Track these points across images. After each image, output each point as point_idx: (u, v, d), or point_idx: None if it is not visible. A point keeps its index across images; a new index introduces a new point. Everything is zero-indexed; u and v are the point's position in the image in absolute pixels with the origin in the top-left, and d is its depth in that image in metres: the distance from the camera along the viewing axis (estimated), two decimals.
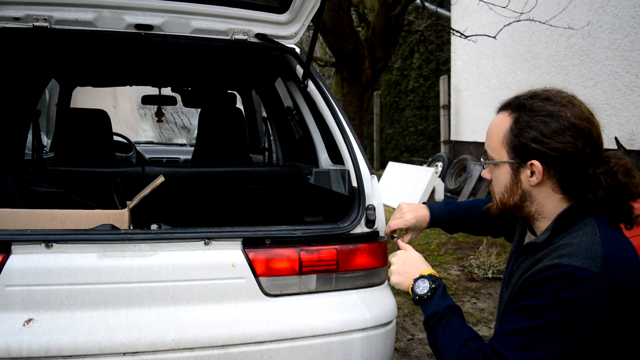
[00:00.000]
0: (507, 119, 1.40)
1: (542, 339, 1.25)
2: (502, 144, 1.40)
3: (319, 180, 2.29)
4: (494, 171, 1.45)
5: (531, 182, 1.37)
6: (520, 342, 1.27)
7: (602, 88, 7.27)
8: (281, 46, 2.50)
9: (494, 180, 1.46)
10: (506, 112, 1.42)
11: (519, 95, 1.44)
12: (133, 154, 4.48)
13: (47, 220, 2.00)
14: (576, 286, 1.21)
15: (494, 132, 1.43)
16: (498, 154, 1.42)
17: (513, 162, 1.39)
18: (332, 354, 1.83)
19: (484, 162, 1.48)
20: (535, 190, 1.38)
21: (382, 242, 2.01)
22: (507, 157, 1.40)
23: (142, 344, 1.65)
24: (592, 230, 1.30)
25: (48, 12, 2.20)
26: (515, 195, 1.41)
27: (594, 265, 1.22)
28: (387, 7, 6.58)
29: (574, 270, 1.22)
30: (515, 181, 1.40)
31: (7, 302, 1.63)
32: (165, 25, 2.35)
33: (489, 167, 1.47)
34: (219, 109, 4.00)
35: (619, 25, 6.97)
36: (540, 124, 1.34)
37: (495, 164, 1.43)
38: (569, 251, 1.26)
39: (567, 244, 1.28)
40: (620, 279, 1.23)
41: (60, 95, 4.25)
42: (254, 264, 1.80)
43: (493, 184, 1.47)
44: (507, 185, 1.42)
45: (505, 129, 1.40)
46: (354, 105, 6.63)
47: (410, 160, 12.56)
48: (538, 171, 1.35)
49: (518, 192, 1.40)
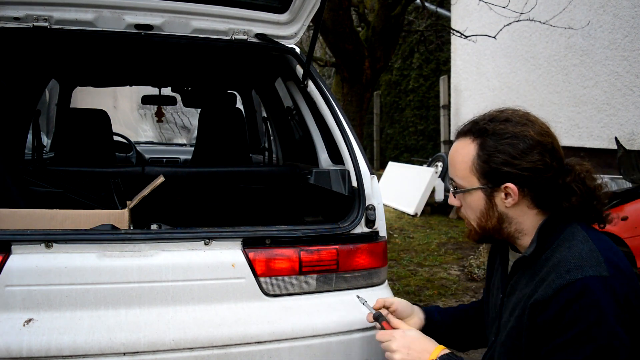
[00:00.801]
0: (471, 146, 1.39)
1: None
2: (471, 171, 1.39)
3: (319, 180, 2.29)
4: (466, 198, 1.43)
5: (507, 204, 1.37)
6: None
7: (602, 88, 7.27)
8: (281, 46, 2.50)
9: (467, 207, 1.44)
10: (467, 138, 1.41)
11: (476, 120, 1.44)
12: (133, 154, 4.48)
13: (47, 220, 1.99)
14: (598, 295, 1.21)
15: (460, 161, 1.42)
16: (468, 181, 1.40)
17: (486, 188, 1.38)
18: (332, 354, 1.83)
19: (455, 192, 1.45)
20: (512, 210, 1.38)
21: (382, 242, 2.01)
22: (479, 184, 1.39)
23: (142, 344, 1.65)
24: (583, 238, 1.31)
25: (48, 12, 2.20)
26: (492, 219, 1.40)
27: (603, 270, 1.23)
28: (387, 7, 6.58)
29: (589, 279, 1.22)
30: (490, 205, 1.39)
31: (7, 302, 1.63)
32: (165, 25, 2.35)
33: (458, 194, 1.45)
34: (219, 109, 4.00)
35: (619, 25, 6.97)
36: (507, 147, 1.34)
37: (467, 191, 1.41)
38: (574, 264, 1.25)
39: (567, 257, 1.28)
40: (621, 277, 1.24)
41: (60, 95, 4.25)
42: (254, 264, 1.80)
43: (465, 210, 1.46)
44: (482, 211, 1.40)
45: (471, 155, 1.39)
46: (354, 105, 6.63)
47: (410, 160, 12.55)
48: (514, 193, 1.35)
49: (495, 216, 1.39)
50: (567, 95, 7.85)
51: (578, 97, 7.68)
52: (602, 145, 7.19)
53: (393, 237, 6.71)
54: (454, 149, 1.45)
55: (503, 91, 9.18)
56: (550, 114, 7.78)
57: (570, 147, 7.45)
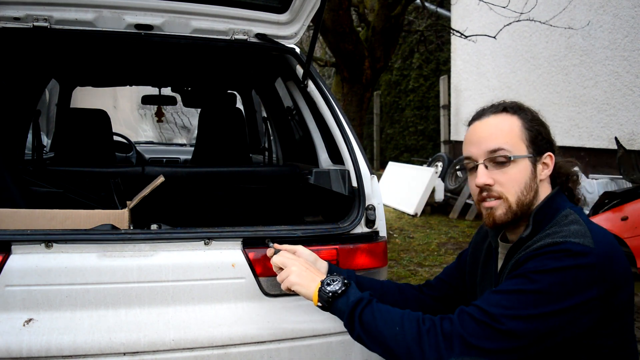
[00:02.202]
0: (513, 117, 1.42)
1: (530, 300, 1.23)
2: (520, 138, 1.40)
3: (319, 180, 2.29)
4: (510, 169, 1.38)
5: (542, 176, 1.41)
6: (506, 300, 1.25)
7: (602, 88, 7.27)
8: (281, 46, 2.50)
9: (508, 181, 1.38)
10: (503, 113, 1.44)
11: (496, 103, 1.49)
12: (133, 154, 4.48)
13: (47, 220, 1.99)
14: (575, 257, 1.23)
15: (507, 130, 1.40)
16: (517, 149, 1.39)
17: (533, 156, 1.40)
18: (332, 354, 1.83)
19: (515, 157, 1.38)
20: (542, 185, 1.42)
21: (382, 242, 2.01)
22: (527, 152, 1.40)
23: (142, 344, 1.65)
24: (575, 219, 1.34)
25: (48, 12, 2.20)
26: (531, 192, 1.40)
27: (588, 242, 1.25)
28: (387, 7, 6.58)
29: (571, 244, 1.25)
30: (534, 175, 1.40)
31: (7, 302, 1.63)
32: (165, 25, 2.35)
33: (492, 170, 1.39)
34: (219, 109, 4.00)
35: (619, 25, 6.97)
36: (540, 121, 1.44)
37: (513, 160, 1.38)
38: (562, 235, 1.29)
39: (556, 231, 1.31)
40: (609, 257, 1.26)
41: (60, 95, 4.24)
42: (254, 263, 1.80)
43: (503, 185, 1.38)
44: (527, 182, 1.39)
45: (518, 125, 1.41)
46: (354, 105, 6.63)
47: (410, 160, 12.56)
48: (552, 162, 1.42)
49: (534, 188, 1.40)
50: (567, 95, 7.85)
51: (578, 97, 7.68)
52: (602, 145, 7.19)
53: (393, 237, 6.71)
54: (493, 122, 1.42)
55: (503, 91, 9.17)
56: (550, 114, 7.78)
57: (570, 147, 7.45)
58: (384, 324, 1.34)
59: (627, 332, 1.33)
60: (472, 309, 1.28)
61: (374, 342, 1.36)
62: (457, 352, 1.24)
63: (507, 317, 1.23)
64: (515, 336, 1.22)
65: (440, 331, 1.27)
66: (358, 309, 1.38)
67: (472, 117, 1.50)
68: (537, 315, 1.22)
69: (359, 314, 1.38)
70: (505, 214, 1.39)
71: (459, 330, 1.25)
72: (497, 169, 1.39)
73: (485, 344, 1.23)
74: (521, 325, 1.22)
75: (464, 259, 1.73)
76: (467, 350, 1.23)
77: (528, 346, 1.24)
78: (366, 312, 1.37)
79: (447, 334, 1.26)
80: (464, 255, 1.74)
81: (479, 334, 1.24)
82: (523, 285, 1.24)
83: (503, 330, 1.22)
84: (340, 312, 1.42)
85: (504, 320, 1.23)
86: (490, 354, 1.23)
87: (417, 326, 1.30)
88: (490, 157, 1.39)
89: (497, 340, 1.23)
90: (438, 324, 1.29)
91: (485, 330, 1.24)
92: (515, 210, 1.39)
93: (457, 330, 1.26)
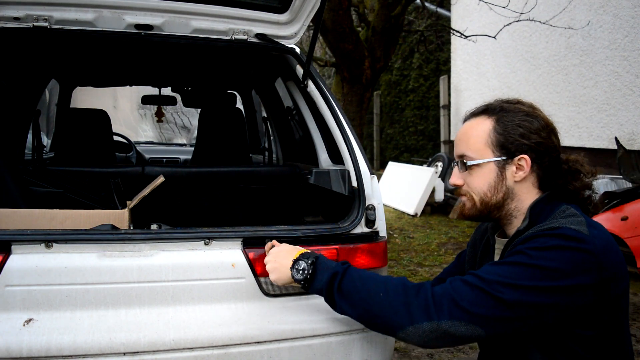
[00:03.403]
0: (487, 121, 1.46)
1: (527, 273, 1.25)
2: (486, 144, 1.45)
3: (319, 180, 2.29)
4: (474, 172, 1.47)
5: (516, 178, 1.43)
6: (503, 270, 1.28)
7: (602, 88, 7.27)
8: (281, 46, 2.50)
9: (473, 182, 1.48)
10: (481, 116, 1.48)
11: (488, 103, 1.52)
12: (133, 154, 4.48)
13: (47, 220, 1.99)
14: (572, 240, 1.25)
15: (474, 135, 1.47)
16: (481, 154, 1.45)
17: (499, 160, 1.43)
18: (332, 354, 1.83)
19: (468, 164, 1.47)
20: (518, 186, 1.44)
21: (382, 242, 2.01)
22: (493, 156, 1.44)
23: (142, 344, 1.65)
24: (573, 212, 1.36)
25: (48, 12, 2.20)
26: (499, 193, 1.44)
27: (584, 230, 1.27)
28: (387, 7, 6.58)
29: (568, 229, 1.27)
30: (500, 178, 1.44)
31: (7, 302, 1.63)
32: (165, 25, 2.35)
33: (461, 172, 1.50)
34: (219, 109, 4.00)
35: (619, 25, 6.97)
36: (524, 122, 1.43)
37: (478, 164, 1.45)
38: (559, 222, 1.31)
39: (552, 223, 1.33)
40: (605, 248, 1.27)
41: (60, 95, 4.24)
42: (254, 263, 1.80)
43: (469, 186, 1.48)
44: (491, 184, 1.44)
45: (488, 129, 1.45)
46: (354, 105, 6.63)
47: (410, 160, 12.56)
48: (527, 165, 1.41)
49: (502, 190, 1.44)
50: (567, 95, 7.86)
51: (578, 97, 7.68)
52: (602, 145, 7.19)
53: (393, 237, 6.71)
54: (467, 126, 1.51)
55: (503, 91, 9.17)
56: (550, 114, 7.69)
57: (570, 147, 7.45)
58: (366, 292, 1.38)
59: (620, 329, 1.33)
60: (467, 276, 1.32)
61: (358, 311, 1.41)
62: (446, 314, 1.27)
63: (501, 284, 1.25)
64: (506, 304, 1.24)
65: (430, 295, 1.30)
66: (335, 283, 1.43)
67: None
68: (531, 287, 1.24)
69: (337, 287, 1.43)
70: (470, 209, 1.49)
71: (450, 292, 1.29)
72: (465, 171, 1.49)
73: (475, 309, 1.26)
74: (514, 295, 1.24)
75: (462, 259, 1.74)
76: (457, 312, 1.26)
77: (516, 319, 1.26)
78: (345, 282, 1.42)
79: (438, 297, 1.29)
80: (463, 255, 1.76)
81: (470, 299, 1.26)
82: (520, 259, 1.28)
83: (495, 297, 1.25)
84: (319, 291, 1.49)
85: (497, 286, 1.25)
86: (479, 319, 1.26)
87: (403, 289, 1.34)
88: (459, 161, 1.51)
89: (488, 306, 1.25)
90: (429, 288, 1.32)
91: (477, 294, 1.26)
92: (480, 209, 1.47)
93: (449, 293, 1.29)
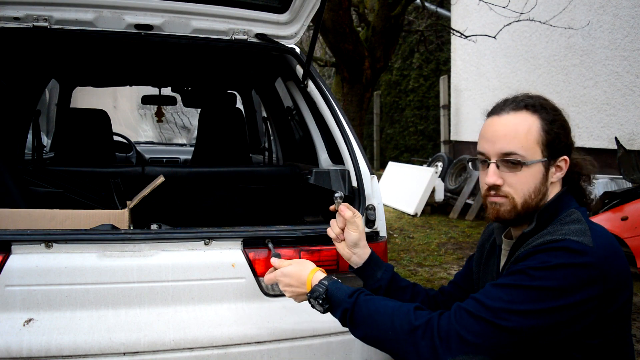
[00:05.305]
0: (533, 117, 1.36)
1: (530, 296, 1.22)
2: (537, 142, 1.34)
3: (319, 180, 2.29)
4: (521, 172, 1.35)
5: (553, 179, 1.38)
6: (505, 294, 1.23)
7: (602, 88, 7.27)
8: (281, 46, 2.50)
9: (517, 182, 1.35)
10: (523, 112, 1.37)
11: (517, 96, 1.42)
12: (133, 154, 4.48)
13: (47, 220, 2.00)
14: (573, 254, 1.22)
15: (523, 131, 1.34)
16: (532, 153, 1.34)
17: (547, 160, 1.36)
18: (332, 354, 1.83)
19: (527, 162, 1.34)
20: (552, 186, 1.39)
21: (382, 242, 2.01)
22: (541, 156, 1.35)
23: (142, 344, 1.65)
24: (577, 218, 1.33)
25: (48, 12, 2.20)
26: (540, 194, 1.36)
27: (587, 241, 1.24)
28: (387, 7, 6.58)
29: (570, 242, 1.24)
30: (545, 179, 1.36)
31: (7, 302, 1.63)
32: (165, 25, 2.35)
33: (503, 171, 1.36)
34: (219, 109, 4.00)
35: (619, 25, 6.97)
36: (563, 121, 1.38)
37: (527, 164, 1.34)
38: (561, 233, 1.28)
39: (556, 229, 1.30)
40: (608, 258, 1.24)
41: (60, 95, 4.24)
42: (254, 263, 1.80)
43: (511, 186, 1.36)
44: (537, 186, 1.35)
45: (537, 126, 1.35)
46: (354, 105, 6.63)
47: (410, 160, 12.56)
48: (566, 166, 1.38)
49: (542, 191, 1.37)
50: (567, 95, 7.85)
51: (578, 97, 7.67)
52: (602, 145, 7.18)
53: (393, 237, 6.71)
54: (510, 121, 1.36)
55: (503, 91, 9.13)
56: None
57: None
58: (375, 328, 1.33)
59: (623, 335, 1.32)
60: (470, 303, 1.27)
61: (372, 343, 1.37)
62: (454, 351, 1.22)
63: (506, 312, 1.21)
64: (513, 332, 1.21)
65: (437, 332, 1.25)
66: (347, 318, 1.38)
67: (491, 110, 1.44)
68: (537, 311, 1.21)
69: (349, 322, 1.38)
70: (509, 212, 1.38)
71: (456, 327, 1.24)
72: (508, 171, 1.36)
73: (481, 340, 1.21)
74: (520, 322, 1.21)
75: (471, 263, 1.70)
76: (464, 348, 1.22)
77: (525, 342, 1.23)
78: (355, 316, 1.37)
79: (444, 333, 1.24)
80: (472, 258, 1.72)
81: (476, 331, 1.22)
82: (522, 281, 1.23)
83: (501, 326, 1.21)
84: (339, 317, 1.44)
85: (502, 314, 1.21)
86: (487, 350, 1.22)
87: (409, 329, 1.28)
88: (503, 159, 1.36)
89: (494, 336, 1.21)
90: (435, 323, 1.26)
91: (482, 326, 1.22)
92: (519, 211, 1.37)
93: (454, 328, 1.24)
